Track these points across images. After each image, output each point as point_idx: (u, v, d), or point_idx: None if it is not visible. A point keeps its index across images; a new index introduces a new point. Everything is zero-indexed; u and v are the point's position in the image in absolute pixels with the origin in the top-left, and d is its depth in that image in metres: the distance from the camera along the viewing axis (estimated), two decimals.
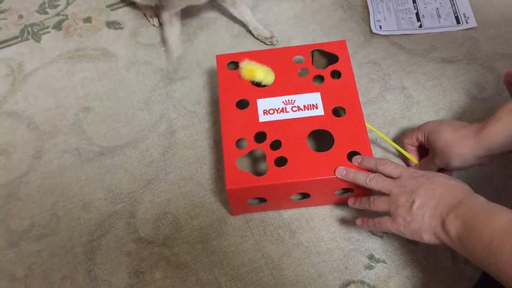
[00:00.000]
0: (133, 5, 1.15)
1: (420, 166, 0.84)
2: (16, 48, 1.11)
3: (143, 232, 0.86)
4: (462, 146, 0.74)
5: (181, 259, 0.83)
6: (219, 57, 0.89)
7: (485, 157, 0.75)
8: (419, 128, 0.83)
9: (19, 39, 1.13)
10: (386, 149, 0.91)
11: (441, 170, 0.81)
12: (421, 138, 0.82)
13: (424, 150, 0.85)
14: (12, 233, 0.87)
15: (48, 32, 1.13)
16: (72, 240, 0.86)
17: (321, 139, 0.82)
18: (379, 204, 0.72)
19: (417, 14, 1.07)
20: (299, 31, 1.09)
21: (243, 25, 1.10)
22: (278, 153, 0.78)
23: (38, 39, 1.12)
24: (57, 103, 1.02)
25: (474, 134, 0.73)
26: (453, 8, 1.08)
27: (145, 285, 0.81)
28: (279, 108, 0.82)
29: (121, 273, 0.82)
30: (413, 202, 0.66)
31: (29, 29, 1.14)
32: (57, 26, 1.14)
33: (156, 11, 1.10)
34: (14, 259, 0.85)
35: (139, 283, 0.81)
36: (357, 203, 0.77)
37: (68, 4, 1.17)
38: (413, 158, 0.86)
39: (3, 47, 1.12)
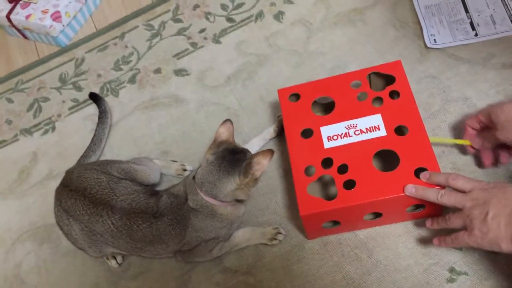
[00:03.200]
0: (194, 51, 1.24)
1: (477, 141, 0.85)
2: None
3: (227, 262, 0.92)
4: None
5: (265, 286, 0.88)
6: (280, 91, 0.95)
7: None
8: (480, 110, 0.84)
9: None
10: (454, 163, 0.92)
11: (503, 147, 0.82)
12: (483, 118, 0.82)
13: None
14: (113, 274, 0.96)
15: (124, 86, 1.25)
16: (165, 276, 0.93)
17: (387, 159, 0.85)
18: (454, 220, 0.73)
19: (471, 23, 1.08)
20: (355, 55, 1.13)
21: (300, 55, 1.15)
22: (346, 177, 0.81)
23: (116, 94, 1.24)
24: (139, 150, 1.12)
25: None
26: (508, 12, 1.07)
27: None
28: (342, 133, 0.86)
29: None
30: (487, 213, 0.67)
31: (108, 85, 1.26)
32: (132, 80, 1.25)
33: None
34: None
35: None
36: (435, 224, 0.78)
37: (139, 58, 1.29)
38: (466, 141, 0.87)
39: (86, 105, 1.24)
